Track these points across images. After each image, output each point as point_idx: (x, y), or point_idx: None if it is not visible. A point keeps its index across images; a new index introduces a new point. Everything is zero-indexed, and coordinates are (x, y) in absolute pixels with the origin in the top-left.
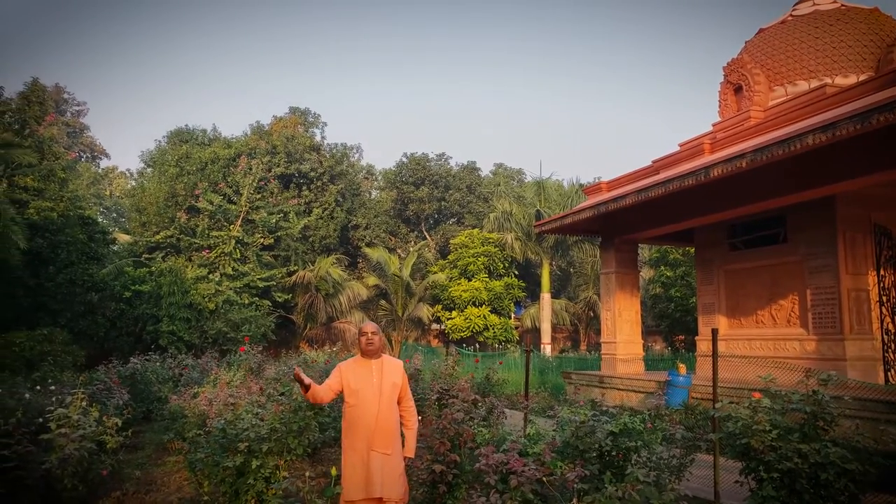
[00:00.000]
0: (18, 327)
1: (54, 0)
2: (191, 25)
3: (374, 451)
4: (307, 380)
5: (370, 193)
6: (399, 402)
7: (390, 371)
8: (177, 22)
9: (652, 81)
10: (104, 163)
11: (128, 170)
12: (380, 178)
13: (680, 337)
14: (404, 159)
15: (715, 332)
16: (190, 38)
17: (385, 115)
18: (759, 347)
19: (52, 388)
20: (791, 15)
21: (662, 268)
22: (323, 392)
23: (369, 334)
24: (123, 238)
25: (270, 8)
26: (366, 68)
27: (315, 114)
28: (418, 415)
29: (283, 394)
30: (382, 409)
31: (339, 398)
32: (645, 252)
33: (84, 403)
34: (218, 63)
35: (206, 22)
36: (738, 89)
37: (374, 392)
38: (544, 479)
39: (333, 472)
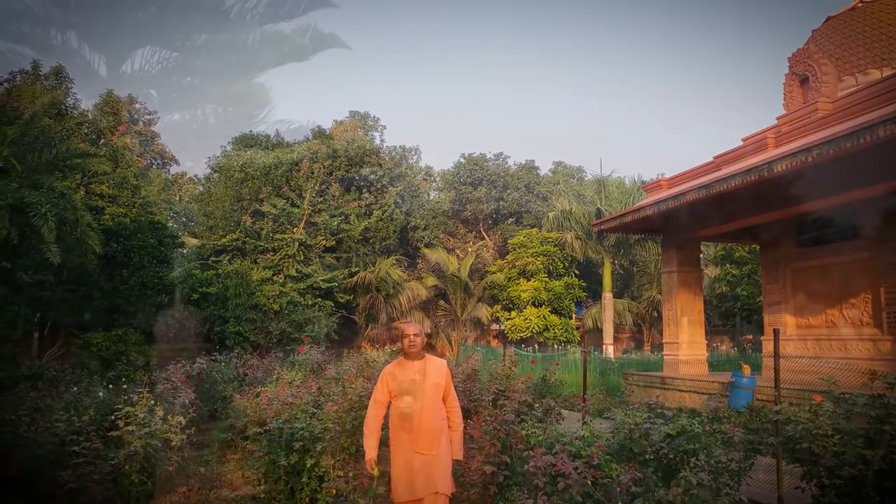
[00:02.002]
0: (95, 328)
1: (128, 17)
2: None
3: (418, 453)
4: (373, 460)
5: (428, 195)
6: (444, 403)
7: (433, 371)
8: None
9: (716, 76)
10: (174, 169)
11: (195, 175)
12: (438, 179)
13: (747, 337)
14: (462, 160)
15: (776, 332)
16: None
17: (443, 117)
18: (828, 348)
19: (125, 386)
20: (861, 1)
21: (728, 266)
22: (378, 423)
23: (411, 336)
24: (191, 241)
25: (329, 17)
26: (424, 69)
27: (374, 117)
28: (475, 415)
29: (338, 394)
30: (426, 409)
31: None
32: (710, 250)
33: (151, 402)
34: (281, 69)
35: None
36: (804, 80)
37: (417, 393)
38: (592, 481)
39: (376, 473)
